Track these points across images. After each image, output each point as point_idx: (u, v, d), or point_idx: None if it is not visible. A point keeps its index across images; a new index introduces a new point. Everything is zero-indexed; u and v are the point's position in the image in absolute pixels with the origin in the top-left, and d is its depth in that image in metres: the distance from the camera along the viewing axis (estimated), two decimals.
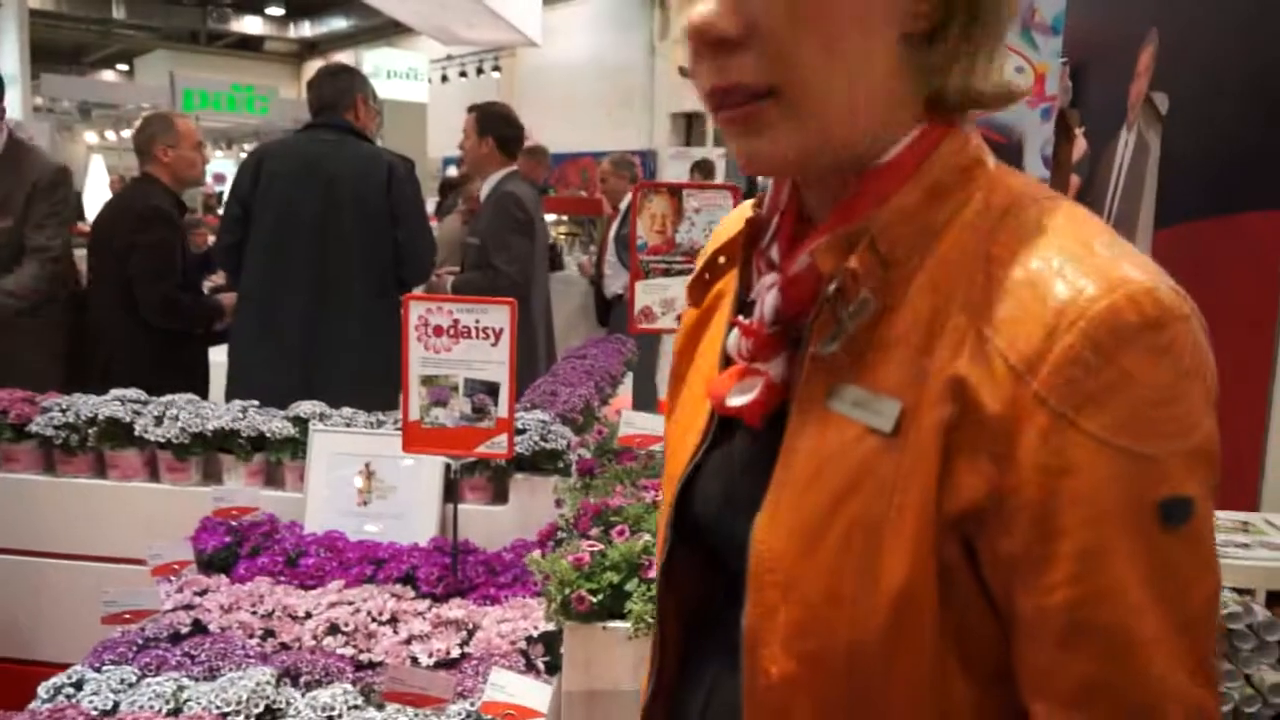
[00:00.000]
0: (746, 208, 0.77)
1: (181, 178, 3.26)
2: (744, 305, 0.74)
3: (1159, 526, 0.56)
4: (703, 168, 7.81)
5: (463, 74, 17.44)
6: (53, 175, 3.09)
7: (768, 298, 0.68)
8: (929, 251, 0.62)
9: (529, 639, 1.64)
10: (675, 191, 1.89)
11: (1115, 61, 2.71)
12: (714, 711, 0.73)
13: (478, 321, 1.75)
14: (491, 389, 1.77)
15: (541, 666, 1.62)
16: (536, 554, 1.46)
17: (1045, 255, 0.58)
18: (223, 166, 12.63)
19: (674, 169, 7.40)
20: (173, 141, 3.19)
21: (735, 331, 0.71)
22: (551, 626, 1.63)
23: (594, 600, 1.31)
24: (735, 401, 0.69)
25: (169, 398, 2.20)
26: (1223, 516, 2.04)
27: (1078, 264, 0.57)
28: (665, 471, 0.81)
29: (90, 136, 13.90)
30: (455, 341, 1.76)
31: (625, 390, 3.16)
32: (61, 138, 11.83)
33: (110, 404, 2.15)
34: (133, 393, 2.22)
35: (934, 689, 0.61)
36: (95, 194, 9.83)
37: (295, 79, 24.46)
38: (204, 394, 3.21)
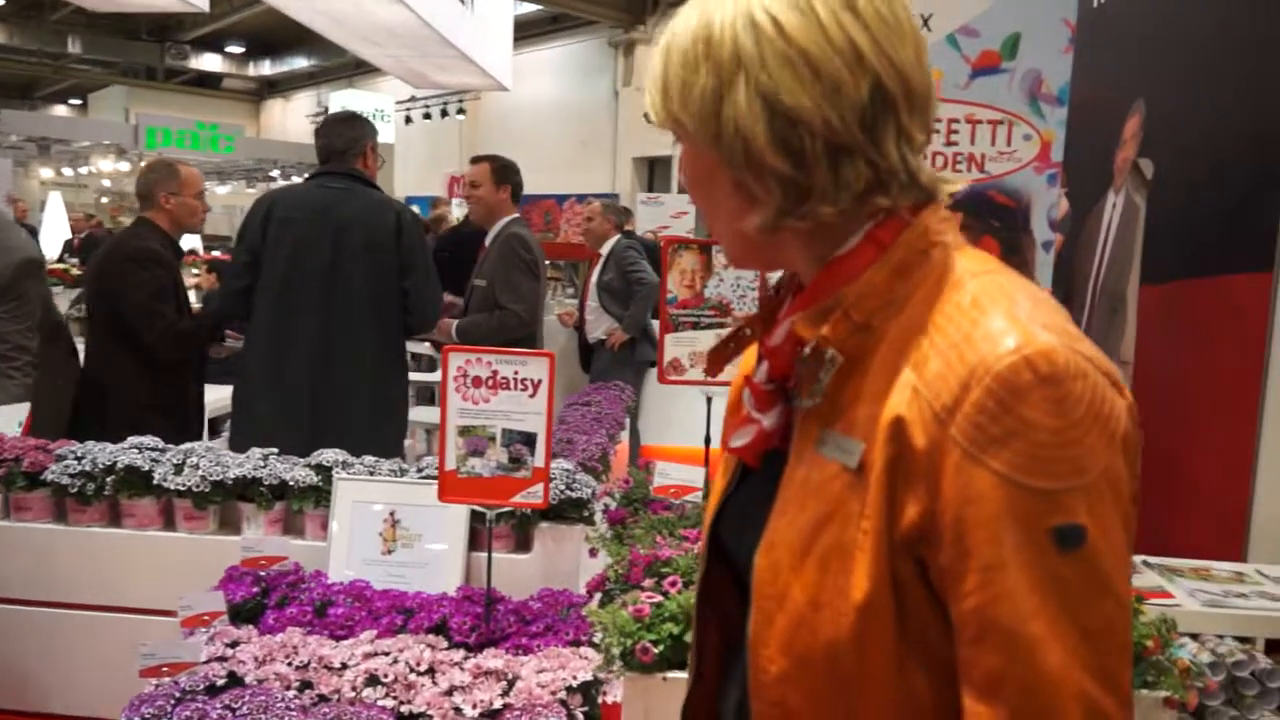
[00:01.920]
0: None
1: (182, 224, 3.28)
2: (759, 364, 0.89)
3: (1054, 549, 0.67)
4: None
5: (427, 115, 17.50)
6: (15, 270, 3.00)
7: (764, 362, 0.84)
8: (895, 319, 0.76)
9: (569, 689, 1.66)
10: (705, 248, 1.95)
11: (1101, 129, 2.85)
12: (746, 707, 0.85)
13: (517, 373, 1.78)
14: (528, 439, 1.79)
15: (581, 717, 1.63)
16: (594, 605, 1.48)
17: (970, 322, 0.72)
18: None
19: (646, 214, 7.50)
20: (175, 189, 3.21)
21: (747, 389, 0.86)
22: (589, 677, 1.65)
23: (656, 651, 1.34)
24: (736, 444, 0.85)
25: (187, 446, 2.19)
26: (1217, 567, 2.13)
27: (991, 329, 0.70)
28: (707, 505, 0.99)
29: (45, 172, 13.68)
30: (494, 393, 1.78)
31: (622, 436, 3.19)
32: (16, 174, 11.65)
33: (128, 452, 2.14)
34: (149, 440, 2.21)
35: (899, 684, 0.73)
36: (53, 230, 9.68)
37: (254, 117, 24.35)
38: (199, 435, 3.21)
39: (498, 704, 1.64)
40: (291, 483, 2.10)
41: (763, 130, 0.74)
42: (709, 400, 1.99)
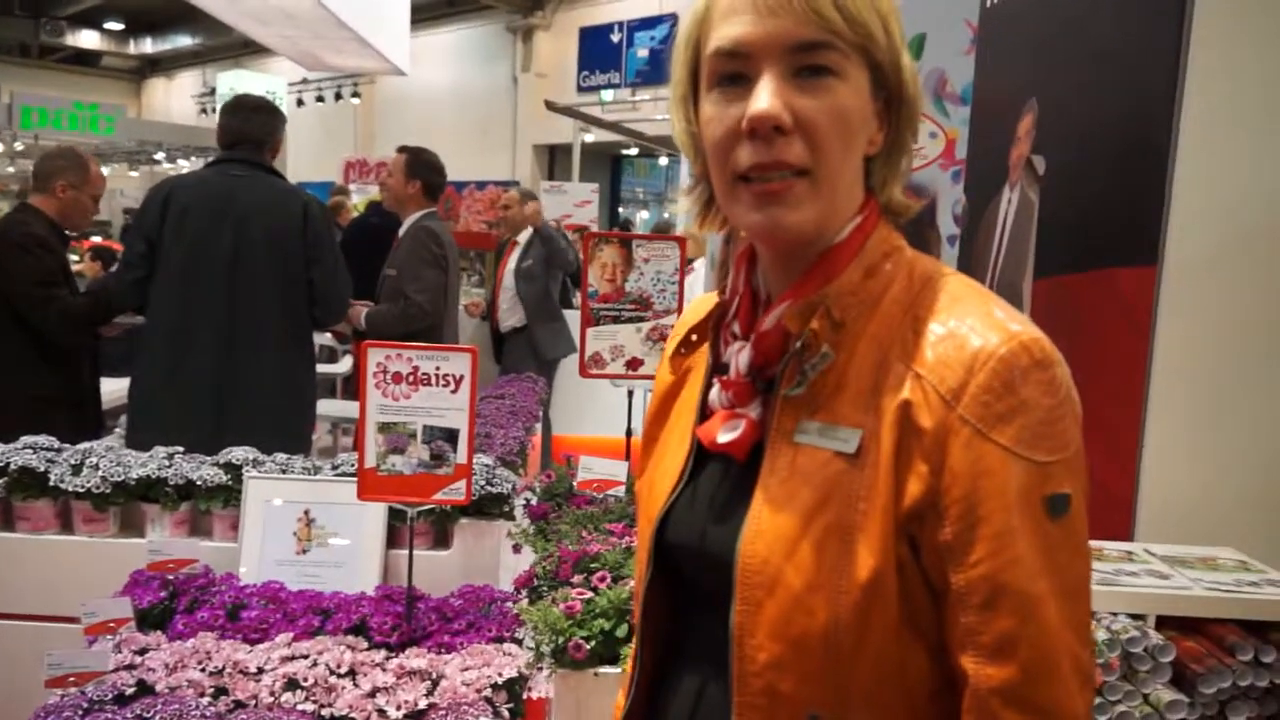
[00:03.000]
0: (709, 296, 0.97)
1: (70, 220, 3.16)
2: (718, 369, 0.91)
3: (1046, 515, 0.75)
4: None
5: (319, 99, 17.03)
6: None
7: (741, 356, 0.86)
8: (870, 316, 0.82)
9: (494, 686, 1.65)
10: (625, 242, 1.95)
11: (997, 127, 2.95)
12: (703, 713, 0.88)
13: (438, 368, 1.76)
14: (450, 435, 1.77)
15: (507, 714, 1.63)
16: (524, 603, 1.48)
17: (957, 316, 0.79)
18: None
19: (549, 202, 7.46)
20: (77, 183, 3.10)
21: (716, 388, 0.88)
22: (514, 673, 1.65)
23: (588, 647, 1.35)
24: (724, 439, 0.85)
25: (85, 445, 2.10)
26: (1108, 547, 2.24)
27: (982, 322, 0.78)
28: (641, 515, 0.98)
29: None
30: (414, 388, 1.76)
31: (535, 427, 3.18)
32: None
33: (22, 453, 2.04)
34: (44, 440, 2.11)
35: (898, 659, 0.78)
36: None
37: (135, 96, 23.29)
38: (96, 425, 3.10)
39: (422, 704, 1.62)
40: (199, 482, 2.03)
41: (912, 81, 0.85)
42: (630, 394, 2.00)
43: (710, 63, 0.81)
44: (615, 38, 14.72)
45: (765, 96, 0.78)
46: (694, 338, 0.96)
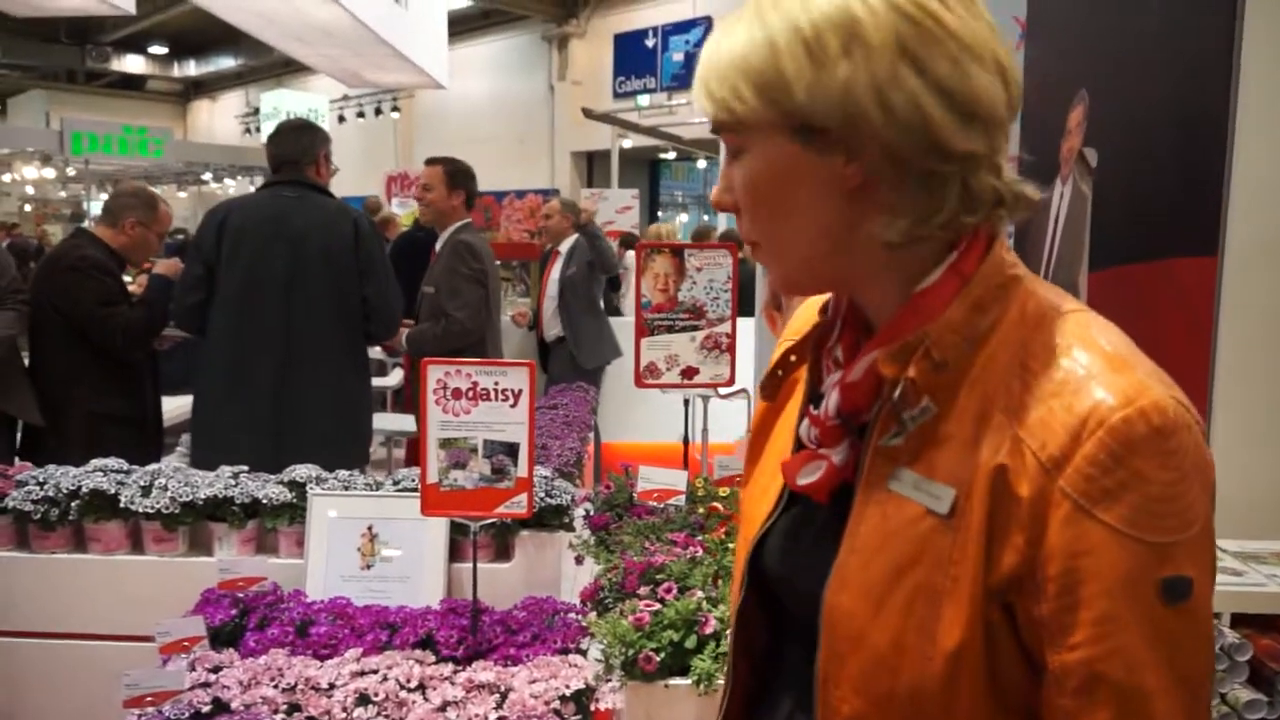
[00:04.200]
0: (815, 304, 0.92)
1: (133, 254, 3.26)
2: (815, 396, 0.86)
3: (1161, 602, 0.67)
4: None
5: (360, 115, 17.27)
6: None
7: (831, 399, 0.81)
8: (974, 357, 0.75)
9: (562, 698, 1.66)
10: (677, 251, 1.96)
11: (1047, 121, 2.91)
12: None
13: (497, 384, 1.77)
14: (510, 450, 1.79)
15: None
16: (592, 616, 1.49)
17: (1070, 367, 0.71)
18: None
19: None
20: (146, 220, 3.21)
21: (806, 421, 0.84)
22: (581, 685, 1.65)
23: (658, 659, 1.35)
24: (804, 481, 0.82)
25: (153, 467, 2.14)
26: None
27: (1098, 377, 0.69)
28: (740, 532, 0.96)
29: None
30: (474, 404, 1.78)
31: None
32: None
33: (92, 475, 2.08)
34: (113, 462, 2.16)
35: None
36: None
37: (180, 118, 23.78)
38: (157, 443, 3.18)
39: (492, 717, 1.63)
40: (264, 500, 2.06)
41: (939, 111, 0.71)
42: (686, 402, 2.00)
43: None
44: (650, 43, 14.75)
45: (717, 182, 0.82)
46: (793, 358, 0.90)
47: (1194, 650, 0.69)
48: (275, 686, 1.70)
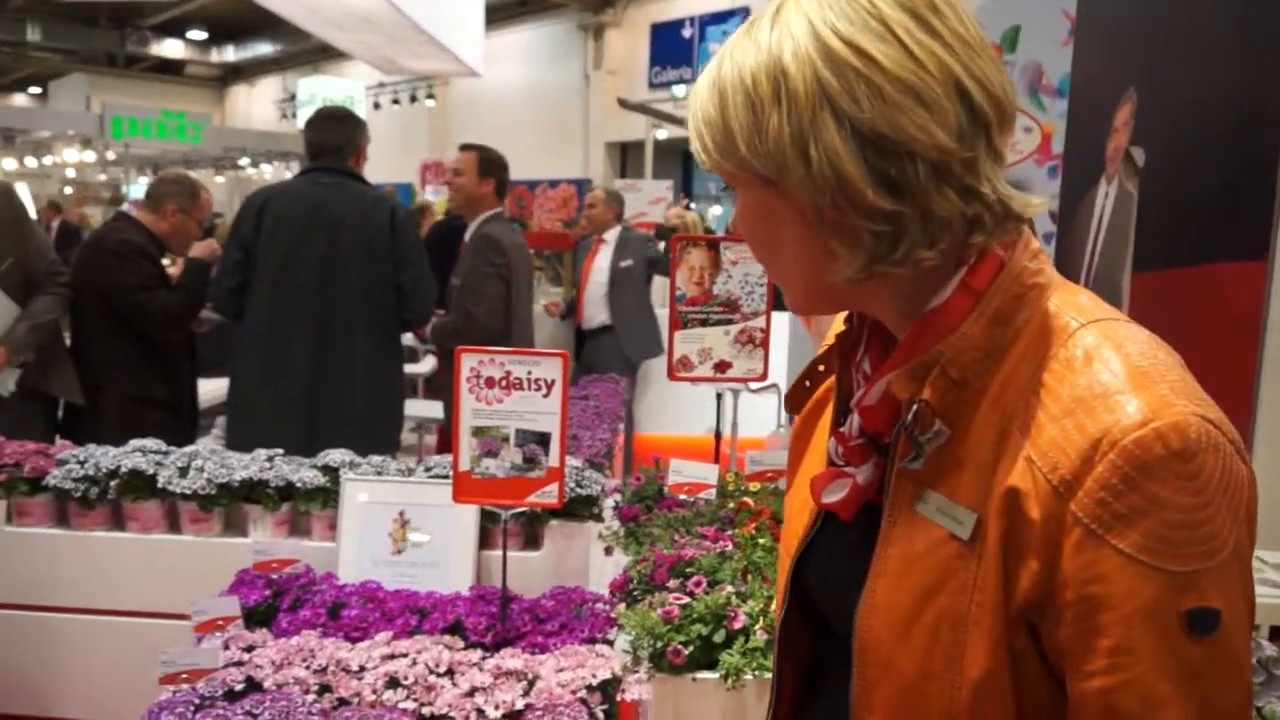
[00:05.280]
0: (841, 319, 0.91)
1: (173, 239, 3.31)
2: (843, 410, 0.86)
3: (1185, 634, 0.64)
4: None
5: (395, 101, 17.36)
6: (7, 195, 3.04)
7: (854, 415, 0.81)
8: (995, 372, 0.72)
9: (588, 688, 1.66)
10: (713, 245, 1.95)
11: (1093, 119, 2.87)
12: None
13: (530, 373, 1.78)
14: (542, 439, 1.79)
15: (602, 716, 1.64)
16: (621, 607, 1.49)
17: (1086, 384, 0.67)
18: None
19: (629, 200, 7.49)
20: (186, 207, 3.26)
21: (833, 438, 0.84)
22: (608, 675, 1.66)
23: (686, 653, 1.35)
24: (829, 499, 0.82)
25: (191, 448, 2.18)
26: None
27: (1116, 393, 0.66)
28: (782, 541, 0.96)
29: (9, 163, 13.44)
30: (507, 393, 1.78)
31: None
32: None
33: (131, 455, 2.12)
34: (152, 443, 2.19)
35: None
36: None
37: (218, 103, 24.02)
38: (192, 425, 3.23)
39: (520, 704, 1.64)
40: (298, 484, 2.09)
41: (856, 166, 0.68)
42: (719, 396, 2.00)
43: None
44: (686, 33, 14.70)
45: None
46: (821, 369, 0.91)
47: (1222, 685, 0.65)
48: (307, 667, 1.72)
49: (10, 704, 2.16)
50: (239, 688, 1.67)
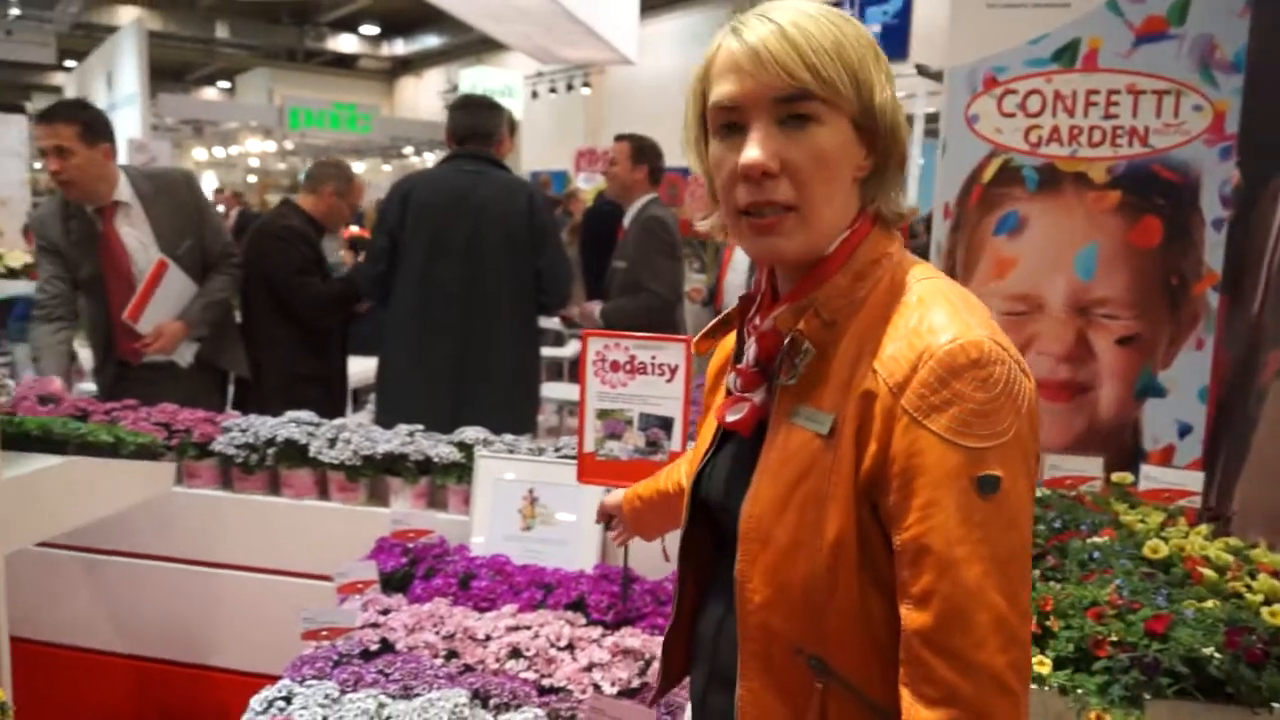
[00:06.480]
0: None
1: (329, 220, 3.50)
2: (739, 356, 1.08)
3: (975, 493, 0.85)
4: None
5: (553, 90, 17.67)
6: (189, 182, 3.23)
7: (749, 349, 1.03)
8: (854, 316, 0.95)
9: None
10: None
11: (1274, 95, 2.65)
12: (723, 638, 1.06)
13: (654, 358, 1.80)
14: (665, 423, 1.82)
15: None
16: None
17: (918, 317, 0.91)
18: None
19: None
20: (342, 190, 3.46)
21: (733, 374, 1.05)
22: None
23: None
24: (731, 418, 1.02)
25: (339, 421, 2.31)
26: None
27: (935, 324, 0.89)
28: (686, 470, 1.21)
29: (199, 153, 14.44)
30: (631, 377, 1.81)
31: None
32: (174, 155, 12.34)
33: (287, 426, 2.26)
34: (305, 415, 2.33)
35: (860, 603, 0.92)
36: None
37: (387, 95, 25.07)
38: (342, 401, 3.42)
39: (635, 683, 1.68)
40: (435, 459, 2.18)
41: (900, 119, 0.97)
42: None
43: (711, 114, 0.97)
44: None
45: (753, 148, 0.92)
46: (726, 325, 1.14)
47: (1002, 533, 0.86)
48: (437, 633, 1.81)
49: (173, 651, 2.35)
50: (374, 647, 1.77)
